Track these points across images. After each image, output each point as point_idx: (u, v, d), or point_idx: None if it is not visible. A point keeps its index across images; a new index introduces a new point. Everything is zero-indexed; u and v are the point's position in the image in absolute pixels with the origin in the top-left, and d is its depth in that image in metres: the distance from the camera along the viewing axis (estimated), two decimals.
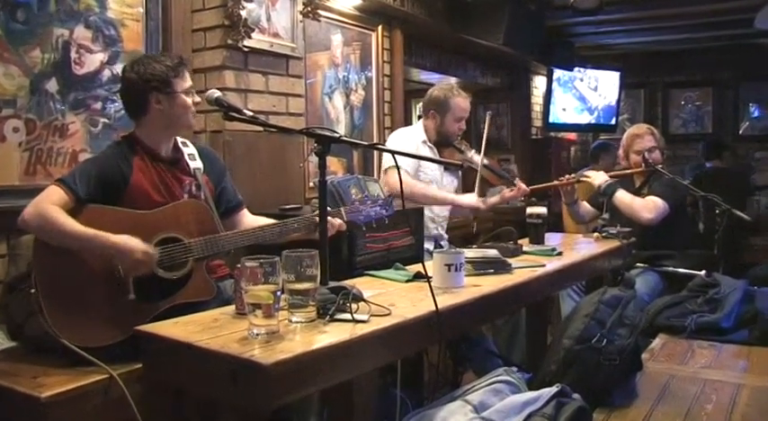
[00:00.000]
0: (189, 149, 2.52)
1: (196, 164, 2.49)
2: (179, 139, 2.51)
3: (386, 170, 3.58)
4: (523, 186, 3.81)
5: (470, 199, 3.65)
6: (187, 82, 2.41)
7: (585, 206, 4.14)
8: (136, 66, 2.37)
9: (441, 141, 3.76)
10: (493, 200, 3.91)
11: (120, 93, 2.45)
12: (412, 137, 3.74)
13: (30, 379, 1.97)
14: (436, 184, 3.76)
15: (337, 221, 2.40)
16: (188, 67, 2.48)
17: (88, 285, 2.13)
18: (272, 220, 2.52)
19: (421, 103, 3.88)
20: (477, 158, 3.69)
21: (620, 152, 4.20)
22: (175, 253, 2.23)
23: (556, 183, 3.99)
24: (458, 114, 3.73)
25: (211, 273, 2.38)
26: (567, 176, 3.98)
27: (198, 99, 2.41)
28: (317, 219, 2.13)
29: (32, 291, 2.07)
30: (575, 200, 4.05)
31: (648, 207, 3.75)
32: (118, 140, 2.49)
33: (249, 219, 2.64)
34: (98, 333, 2.09)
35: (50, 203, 2.10)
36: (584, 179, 3.98)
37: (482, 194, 3.81)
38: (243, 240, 2.35)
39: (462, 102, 3.74)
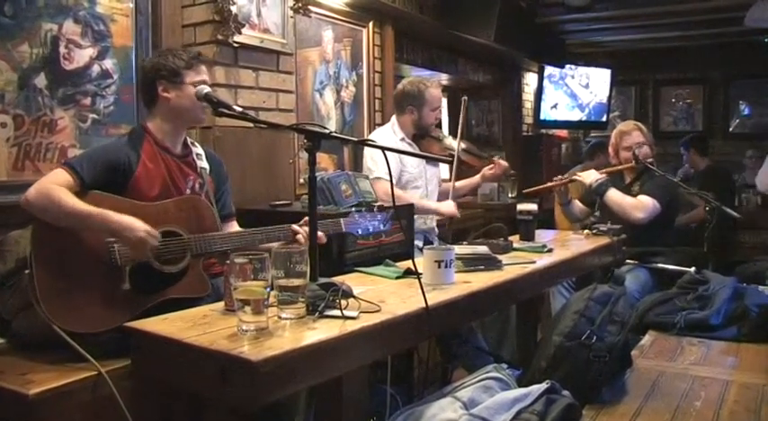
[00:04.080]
0: (197, 150, 2.55)
1: (203, 164, 2.52)
2: (188, 139, 2.55)
3: (372, 180, 3.56)
4: (503, 163, 3.85)
5: (449, 207, 3.69)
6: (200, 76, 2.43)
7: (579, 205, 4.15)
8: (154, 56, 2.47)
9: (418, 134, 3.80)
10: (475, 179, 3.95)
11: (139, 82, 2.51)
12: (389, 137, 3.75)
13: (17, 375, 1.95)
14: (421, 180, 3.78)
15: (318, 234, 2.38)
16: (205, 63, 2.51)
17: (84, 271, 2.12)
18: None
19: (393, 101, 3.90)
20: (455, 144, 3.73)
21: (610, 150, 4.22)
22: (174, 247, 2.24)
23: (549, 184, 4.01)
24: (434, 105, 3.79)
25: (205, 270, 2.38)
26: (558, 177, 3.99)
27: (208, 89, 2.42)
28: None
29: (27, 271, 2.06)
30: (569, 200, 4.07)
31: (639, 207, 3.77)
32: (128, 131, 2.52)
33: (236, 231, 2.64)
34: (89, 319, 2.08)
35: (54, 184, 2.10)
36: (576, 178, 3.99)
37: (460, 178, 3.85)
38: (240, 241, 2.36)
39: (435, 92, 3.81)
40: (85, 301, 2.10)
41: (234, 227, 2.66)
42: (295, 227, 2.41)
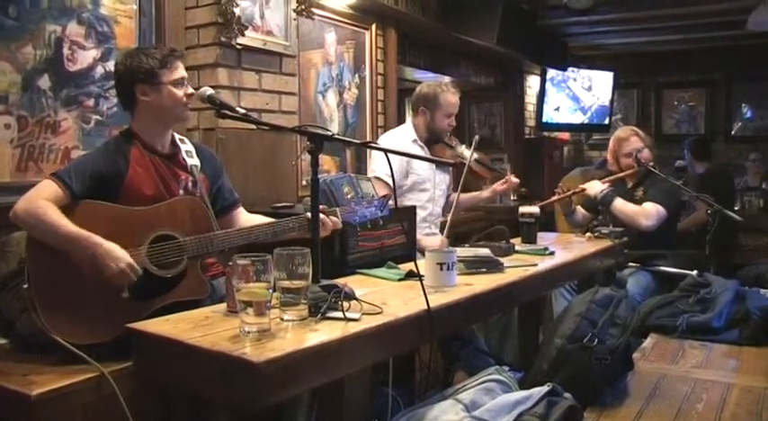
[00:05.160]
0: (186, 146, 2.51)
1: (193, 161, 2.48)
2: (177, 136, 2.51)
3: (372, 179, 3.56)
4: (513, 178, 3.84)
5: (433, 242, 3.56)
6: (177, 73, 2.38)
7: (582, 211, 4.17)
8: (125, 58, 2.38)
9: (431, 138, 3.78)
10: (485, 194, 3.93)
11: (114, 85, 2.46)
12: (402, 137, 3.75)
13: (20, 376, 1.95)
14: (429, 183, 3.76)
15: (333, 220, 2.39)
16: (180, 58, 2.44)
17: (82, 282, 2.11)
18: (267, 219, 2.51)
19: (409, 102, 3.88)
20: (467, 153, 3.71)
21: (609, 157, 4.22)
22: (170, 251, 2.22)
23: (553, 199, 4.02)
24: (447, 110, 3.74)
25: (204, 271, 2.37)
26: (561, 190, 4.00)
27: (191, 90, 2.39)
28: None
29: (25, 286, 2.05)
30: (572, 210, 4.08)
31: (645, 214, 3.78)
32: (115, 135, 2.49)
33: (245, 218, 2.63)
34: (90, 330, 2.07)
35: (43, 198, 2.08)
36: (580, 191, 4.00)
37: (467, 190, 3.81)
38: (237, 239, 2.34)
39: (451, 97, 3.75)
40: (86, 313, 2.09)
41: (242, 214, 2.64)
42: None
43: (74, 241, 2.07)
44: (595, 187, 3.95)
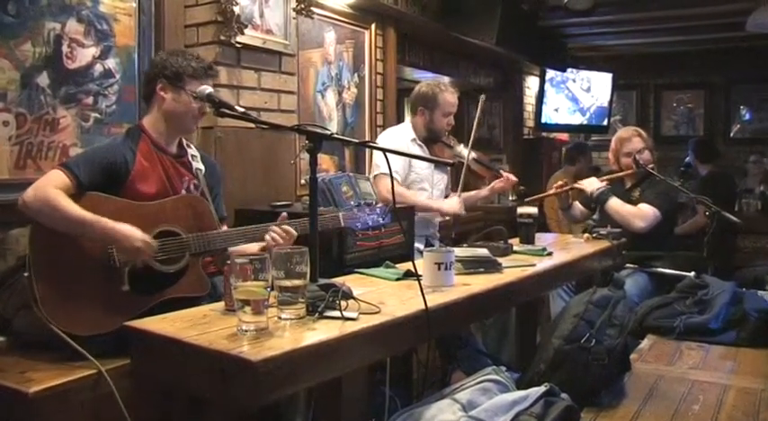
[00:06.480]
0: (192, 151, 2.55)
1: (198, 165, 2.52)
2: (184, 141, 2.54)
3: (374, 176, 3.57)
4: (512, 176, 3.85)
5: (452, 205, 3.65)
6: (202, 89, 2.38)
7: (579, 207, 4.16)
8: (167, 53, 2.47)
9: (430, 137, 3.78)
10: (484, 192, 3.93)
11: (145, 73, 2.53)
12: (401, 136, 3.75)
13: (17, 373, 1.95)
14: (427, 182, 3.77)
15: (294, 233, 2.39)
16: (213, 77, 2.48)
17: (83, 273, 2.12)
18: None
19: (408, 101, 3.88)
20: (466, 152, 3.71)
21: (610, 156, 4.21)
22: (172, 247, 2.24)
23: (550, 192, 4.02)
24: (446, 110, 3.75)
25: (204, 269, 2.38)
26: (559, 183, 4.01)
27: (207, 109, 2.40)
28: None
29: (26, 274, 2.06)
30: (569, 204, 4.08)
31: (640, 216, 3.78)
32: (125, 131, 2.51)
33: (235, 228, 2.64)
34: (89, 321, 2.08)
35: (52, 187, 2.10)
36: (578, 186, 4.00)
37: (466, 189, 3.82)
38: (238, 239, 2.36)
39: (450, 97, 3.76)
40: (85, 304, 2.10)
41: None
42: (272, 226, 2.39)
43: (85, 224, 2.09)
44: (592, 184, 3.95)
